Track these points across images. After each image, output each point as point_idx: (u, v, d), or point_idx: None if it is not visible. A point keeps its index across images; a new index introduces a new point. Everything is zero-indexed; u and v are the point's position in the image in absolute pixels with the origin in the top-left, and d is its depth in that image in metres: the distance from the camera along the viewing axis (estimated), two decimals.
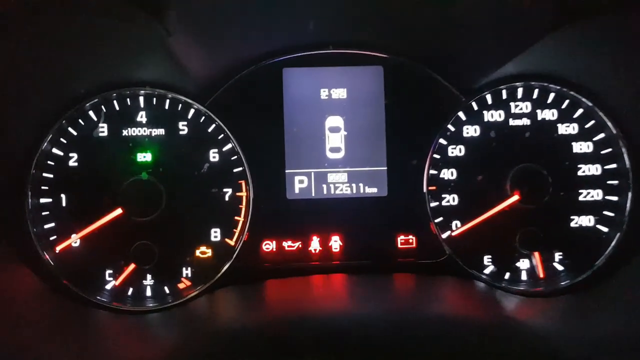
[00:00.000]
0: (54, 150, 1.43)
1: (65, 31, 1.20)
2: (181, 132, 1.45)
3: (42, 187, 1.42)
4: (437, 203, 1.49)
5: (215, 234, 1.45)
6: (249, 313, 1.27)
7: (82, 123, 1.44)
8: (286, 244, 1.48)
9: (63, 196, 1.43)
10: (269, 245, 1.47)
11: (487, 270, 1.48)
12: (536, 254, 1.46)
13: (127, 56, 1.36)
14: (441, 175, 1.49)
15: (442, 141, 1.49)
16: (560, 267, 1.47)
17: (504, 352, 1.02)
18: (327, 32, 1.45)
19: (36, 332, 1.17)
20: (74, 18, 1.15)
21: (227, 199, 1.45)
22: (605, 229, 1.46)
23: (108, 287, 1.43)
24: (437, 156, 1.49)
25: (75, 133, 1.44)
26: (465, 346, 1.00)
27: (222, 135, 1.46)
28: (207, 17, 1.20)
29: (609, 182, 1.47)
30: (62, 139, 1.43)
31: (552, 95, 1.49)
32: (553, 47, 1.33)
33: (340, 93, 1.51)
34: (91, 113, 1.44)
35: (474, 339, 1.03)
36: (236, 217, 1.46)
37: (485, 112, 1.50)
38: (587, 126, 1.47)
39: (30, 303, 1.27)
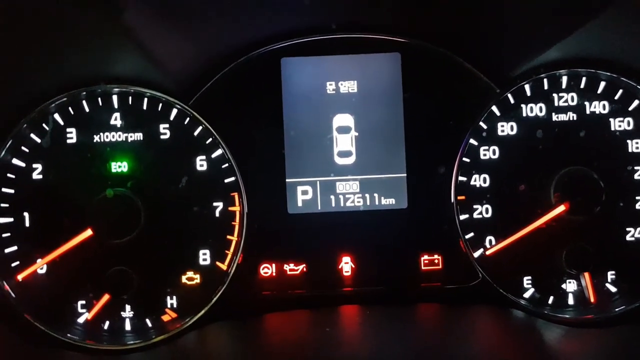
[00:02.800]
0: (15, 161, 1.32)
1: (19, 22, 1.08)
2: (162, 137, 1.33)
3: (2, 205, 1.32)
4: (467, 216, 1.38)
5: (205, 257, 1.34)
6: (245, 355, 1.12)
7: (47, 128, 1.33)
8: (288, 268, 1.37)
9: (26, 215, 1.32)
10: (267, 270, 1.36)
11: (527, 295, 1.36)
12: (586, 274, 1.34)
13: (94, 49, 1.23)
14: (472, 183, 1.37)
15: (473, 141, 1.38)
16: (614, 289, 1.36)
17: None
18: (332, 12, 1.33)
19: None
20: (28, 6, 1.03)
21: (217, 214, 1.34)
22: None
23: (80, 320, 1.32)
24: (466, 160, 1.37)
25: (38, 140, 1.33)
26: None
27: (210, 139, 1.35)
28: None
29: None
30: (23, 147, 1.32)
31: (602, 84, 1.38)
32: (604, 28, 1.20)
33: (349, 86, 1.40)
34: (57, 116, 1.32)
35: None
36: (229, 237, 1.35)
37: (523, 105, 1.38)
38: None
39: None
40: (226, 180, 1.35)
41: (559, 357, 1.14)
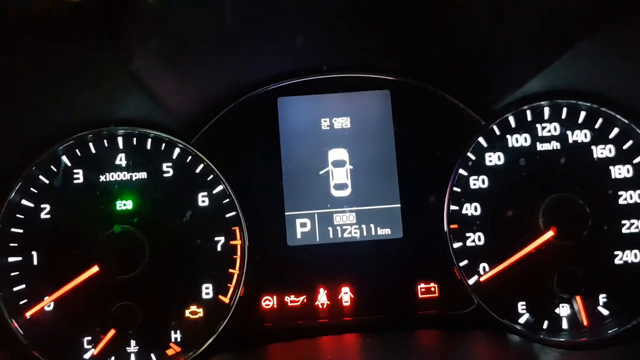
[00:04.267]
0: (24, 202, 1.35)
1: (29, 68, 1.12)
2: (165, 175, 1.37)
3: (11, 244, 1.35)
4: (460, 244, 1.39)
5: (207, 291, 1.35)
6: None
7: (54, 169, 1.37)
8: (289, 299, 1.38)
9: (34, 254, 1.34)
10: (269, 302, 1.37)
11: (522, 320, 1.37)
12: (577, 297, 1.35)
13: (100, 92, 1.29)
14: (463, 211, 1.40)
15: (462, 172, 1.41)
16: (605, 312, 1.37)
17: None
18: (324, 54, 1.39)
19: None
20: (37, 53, 1.08)
21: (219, 249, 1.37)
22: None
23: (86, 356, 1.32)
24: (457, 189, 1.40)
25: (47, 181, 1.36)
26: None
27: (211, 176, 1.38)
28: (178, 41, 1.11)
29: None
30: (32, 189, 1.36)
31: (583, 114, 1.42)
32: (582, 60, 1.26)
33: (343, 122, 1.44)
34: (64, 158, 1.36)
35: None
36: (230, 270, 1.37)
37: (508, 136, 1.42)
38: (625, 147, 1.41)
39: None
40: (227, 215, 1.38)
41: None
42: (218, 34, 1.17)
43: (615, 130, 1.40)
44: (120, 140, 1.38)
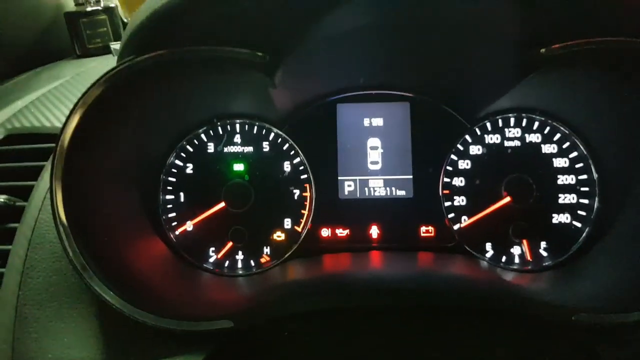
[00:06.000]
0: (176, 162, 1.73)
1: (188, 84, 1.45)
2: (264, 150, 1.73)
3: (168, 188, 1.72)
4: (450, 203, 1.70)
5: (287, 223, 1.71)
6: (311, 275, 1.52)
7: (196, 143, 1.74)
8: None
9: (182, 194, 1.72)
10: (326, 232, 1.72)
11: (487, 255, 1.68)
12: (525, 242, 1.65)
13: (232, 98, 1.63)
14: (453, 183, 1.71)
15: (453, 157, 1.71)
16: (544, 253, 1.66)
17: (504, 309, 1.22)
18: (368, 75, 1.67)
19: (162, 282, 1.40)
20: (196, 76, 1.40)
21: (295, 197, 1.71)
22: (578, 224, 1.66)
23: (211, 260, 1.70)
24: (449, 168, 1.70)
25: (191, 150, 1.74)
26: (474, 301, 1.23)
27: (293, 151, 1.72)
28: (301, 72, 1.45)
29: (581, 188, 1.67)
30: (182, 154, 1.73)
31: (536, 124, 1.69)
32: (533, 87, 1.50)
33: (378, 122, 1.75)
34: (202, 136, 1.75)
35: (477, 300, 1.24)
36: (302, 211, 1.71)
37: (486, 135, 1.71)
38: (564, 146, 1.68)
39: (159, 261, 1.57)
40: (302, 177, 1.72)
41: (510, 286, 1.40)
42: (319, 67, 1.48)
43: (558, 135, 1.68)
44: (237, 126, 1.74)
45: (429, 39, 1.34)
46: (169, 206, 1.74)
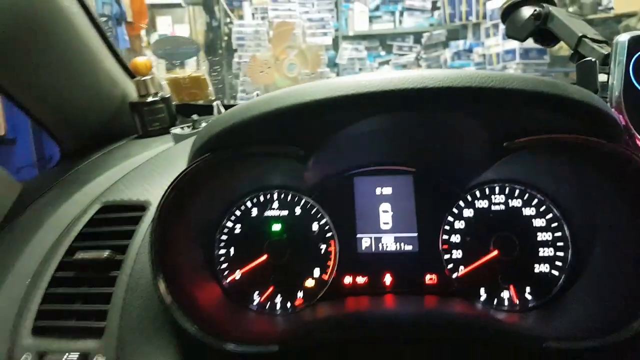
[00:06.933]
0: (228, 224, 1.87)
1: (242, 168, 1.61)
2: (297, 213, 1.85)
3: (221, 244, 1.80)
4: (448, 256, 1.73)
5: (316, 272, 1.75)
6: (336, 314, 1.85)
7: (243, 208, 1.89)
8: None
9: (232, 249, 1.83)
10: (348, 279, 1.79)
11: (482, 298, 1.71)
12: (512, 287, 1.71)
13: (271, 175, 1.70)
14: (450, 239, 1.75)
15: (450, 218, 1.75)
16: (529, 297, 1.71)
17: (496, 338, 1.54)
18: (379, 156, 1.81)
19: (220, 317, 1.73)
20: (248, 162, 1.57)
21: (323, 252, 1.77)
22: (556, 273, 1.69)
23: (255, 302, 1.79)
24: (447, 227, 1.74)
25: (239, 214, 1.89)
26: (471, 332, 1.54)
27: (320, 214, 1.78)
28: (327, 158, 1.53)
29: (557, 243, 1.79)
30: (232, 217, 1.82)
31: (517, 191, 1.75)
32: (509, 165, 1.59)
33: (388, 190, 1.84)
34: (248, 203, 2.06)
35: (471, 335, 1.56)
36: (328, 262, 1.74)
37: (476, 201, 1.76)
38: (541, 209, 1.74)
39: (216, 302, 1.85)
40: (327, 235, 1.82)
41: (502, 321, 1.64)
42: (341, 153, 1.82)
43: (535, 200, 1.79)
44: (274, 195, 2.00)
45: (421, 134, 1.77)
46: (222, 259, 1.83)
